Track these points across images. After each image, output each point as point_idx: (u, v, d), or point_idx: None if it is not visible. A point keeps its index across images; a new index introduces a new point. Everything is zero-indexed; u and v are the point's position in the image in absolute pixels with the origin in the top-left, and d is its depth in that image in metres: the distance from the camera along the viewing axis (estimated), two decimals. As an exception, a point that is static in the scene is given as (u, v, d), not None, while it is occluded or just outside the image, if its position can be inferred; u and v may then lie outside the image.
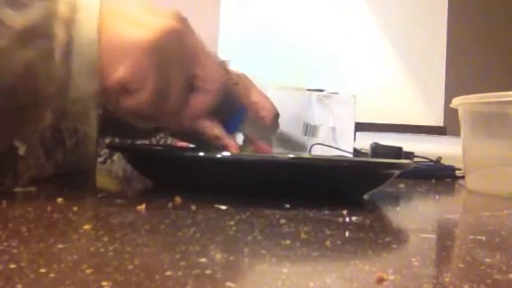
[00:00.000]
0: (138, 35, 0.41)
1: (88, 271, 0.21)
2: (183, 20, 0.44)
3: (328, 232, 0.32)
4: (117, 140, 0.78)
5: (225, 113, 0.51)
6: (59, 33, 0.39)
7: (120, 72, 0.41)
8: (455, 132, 0.82)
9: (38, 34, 0.38)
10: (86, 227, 0.31)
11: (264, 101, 0.61)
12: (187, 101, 0.45)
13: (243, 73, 0.63)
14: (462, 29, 1.90)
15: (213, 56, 0.47)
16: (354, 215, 0.39)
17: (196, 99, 0.46)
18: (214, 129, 0.50)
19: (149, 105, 0.43)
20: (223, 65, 0.50)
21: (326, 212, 0.40)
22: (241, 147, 0.55)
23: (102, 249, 0.25)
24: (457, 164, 0.86)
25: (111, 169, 0.78)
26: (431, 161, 0.92)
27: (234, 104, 0.52)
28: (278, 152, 0.58)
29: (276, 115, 0.63)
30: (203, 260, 0.24)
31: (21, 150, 0.45)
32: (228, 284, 0.21)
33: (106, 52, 0.41)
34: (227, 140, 0.51)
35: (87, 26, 0.40)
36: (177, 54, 0.43)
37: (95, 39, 0.40)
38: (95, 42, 0.40)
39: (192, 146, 0.62)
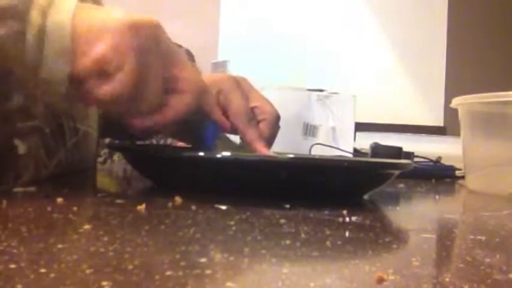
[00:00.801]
0: (117, 17, 0.41)
1: (88, 271, 0.21)
2: (158, 24, 0.44)
3: (328, 232, 0.32)
4: (117, 140, 0.78)
5: (197, 127, 0.51)
6: (33, 16, 0.39)
7: (98, 49, 0.40)
8: (455, 132, 0.82)
9: (10, 16, 0.39)
10: (86, 227, 0.31)
11: (264, 104, 0.61)
12: (165, 100, 0.45)
13: (243, 77, 0.63)
14: (462, 29, 1.90)
15: (188, 61, 0.47)
16: (354, 215, 0.39)
17: (176, 100, 0.45)
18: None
19: (127, 90, 0.41)
20: (199, 73, 0.49)
21: (326, 212, 0.40)
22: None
23: (102, 249, 0.25)
24: (457, 164, 0.86)
25: (111, 169, 0.78)
26: (431, 161, 0.92)
27: (205, 120, 0.51)
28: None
29: (277, 118, 0.62)
30: (203, 260, 0.24)
31: (21, 149, 0.45)
32: (228, 284, 0.21)
33: (83, 34, 0.40)
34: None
35: (62, 10, 0.40)
36: (156, 45, 0.43)
37: (68, 23, 0.40)
38: (68, 26, 0.40)
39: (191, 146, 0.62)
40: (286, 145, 0.78)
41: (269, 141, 0.60)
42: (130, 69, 0.41)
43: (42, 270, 0.21)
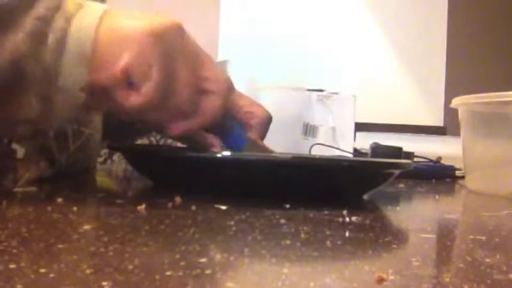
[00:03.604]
0: (141, 26, 0.40)
1: (88, 271, 0.21)
2: (182, 25, 0.43)
3: (328, 232, 0.32)
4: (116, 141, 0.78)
5: (224, 129, 0.50)
6: (57, 21, 0.39)
7: (124, 60, 0.40)
8: (455, 132, 0.82)
9: (34, 18, 0.38)
10: (86, 227, 0.31)
11: (254, 108, 0.60)
12: (197, 103, 0.44)
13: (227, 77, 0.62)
14: (462, 29, 1.90)
15: (213, 60, 0.46)
16: (354, 215, 0.39)
17: (207, 102, 0.44)
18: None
19: (154, 100, 0.41)
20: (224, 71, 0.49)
21: (326, 212, 0.40)
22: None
23: (102, 249, 0.25)
24: (457, 164, 0.86)
25: (111, 169, 0.78)
26: (431, 161, 0.92)
27: (232, 122, 0.50)
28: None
29: (269, 120, 0.61)
30: (203, 260, 0.24)
31: (20, 153, 0.45)
32: (228, 284, 0.21)
33: (107, 44, 0.40)
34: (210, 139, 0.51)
35: (87, 19, 0.40)
36: (181, 49, 0.42)
37: (92, 33, 0.40)
38: (91, 36, 0.40)
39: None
40: (286, 145, 0.78)
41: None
42: (156, 79, 0.40)
43: (42, 270, 0.21)
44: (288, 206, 0.41)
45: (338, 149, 0.85)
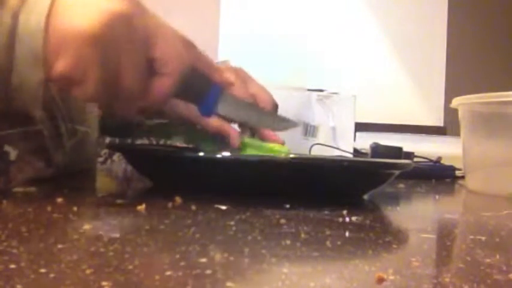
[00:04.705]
0: (80, 25, 0.40)
1: (88, 271, 0.21)
2: (133, 2, 0.43)
3: (328, 232, 0.32)
4: (117, 140, 0.78)
5: (197, 95, 0.48)
6: (4, 20, 0.39)
7: (59, 66, 0.40)
8: (455, 132, 0.82)
9: None
10: (86, 227, 0.31)
11: (261, 92, 0.60)
12: (148, 84, 0.44)
13: (240, 67, 0.62)
14: (462, 29, 1.90)
15: (174, 35, 0.45)
16: (354, 215, 0.39)
17: (156, 83, 0.44)
18: (213, 122, 0.49)
19: (97, 94, 0.41)
20: (189, 44, 0.47)
21: (326, 212, 0.40)
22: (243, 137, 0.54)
23: (102, 249, 0.25)
24: (457, 164, 0.86)
25: (111, 169, 0.78)
26: (431, 161, 0.92)
27: (206, 85, 0.49)
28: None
29: (275, 107, 0.61)
30: (203, 260, 0.24)
31: (13, 155, 0.45)
32: (228, 284, 0.21)
33: (50, 42, 0.40)
34: (227, 128, 0.50)
35: (34, 14, 0.40)
36: (125, 39, 0.42)
37: (41, 28, 0.39)
38: (40, 31, 0.39)
39: (190, 146, 0.62)
40: (286, 145, 0.78)
41: None
42: (93, 80, 0.41)
43: (42, 270, 0.21)
44: (288, 206, 0.41)
45: (338, 149, 0.85)
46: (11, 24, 0.39)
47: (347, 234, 0.33)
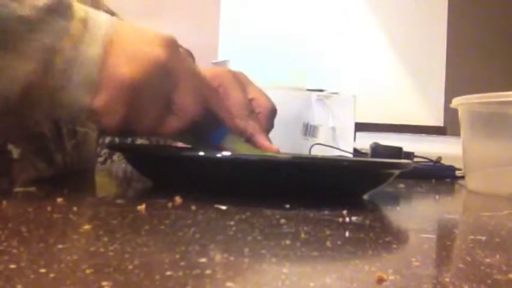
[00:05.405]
0: (124, 70, 0.43)
1: (88, 271, 0.21)
2: (173, 48, 0.45)
3: (328, 232, 0.32)
4: (117, 140, 0.78)
5: (203, 131, 0.51)
6: (65, 50, 0.41)
7: (97, 100, 0.42)
8: (455, 132, 0.82)
9: (43, 49, 0.40)
10: (86, 227, 0.31)
11: (260, 98, 0.61)
12: (160, 120, 0.46)
13: (240, 71, 0.63)
14: (462, 29, 1.90)
15: (197, 83, 0.47)
16: (354, 215, 0.39)
17: (169, 122, 0.47)
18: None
19: (117, 130, 0.45)
20: (208, 88, 0.50)
21: (326, 212, 0.40)
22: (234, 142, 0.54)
23: (102, 249, 0.25)
24: (457, 164, 0.86)
25: (111, 169, 0.78)
26: (431, 161, 0.92)
27: (214, 126, 0.52)
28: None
29: (273, 112, 0.62)
30: (203, 260, 0.24)
31: (15, 153, 0.46)
32: (228, 284, 0.21)
33: (99, 76, 0.43)
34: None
35: (93, 44, 0.42)
36: (159, 85, 0.44)
37: (98, 59, 0.42)
38: (97, 62, 0.42)
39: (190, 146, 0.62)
40: (286, 145, 0.78)
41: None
42: (118, 118, 0.43)
43: (42, 270, 0.21)
44: (288, 206, 0.41)
45: (338, 149, 0.85)
46: (71, 57, 0.41)
47: (347, 234, 0.33)
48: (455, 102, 0.73)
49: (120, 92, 0.43)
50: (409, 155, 0.87)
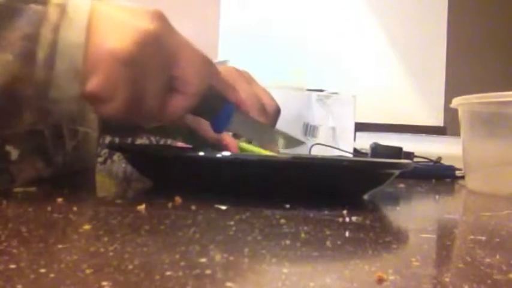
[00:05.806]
0: (114, 44, 0.40)
1: (88, 271, 0.21)
2: (162, 20, 0.43)
3: (328, 232, 0.32)
4: (117, 140, 0.78)
5: (211, 111, 0.49)
6: (45, 36, 0.39)
7: (90, 84, 0.40)
8: (455, 132, 0.82)
9: (21, 38, 0.39)
10: (86, 227, 0.31)
11: (264, 97, 0.61)
12: (164, 101, 0.44)
13: (244, 69, 0.63)
14: (462, 29, 1.90)
15: (196, 54, 0.46)
16: (354, 215, 0.39)
17: (174, 101, 0.45)
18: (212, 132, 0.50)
19: (122, 113, 0.42)
20: (209, 63, 0.48)
21: (326, 212, 0.40)
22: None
23: (102, 249, 0.25)
24: (457, 164, 0.86)
25: (111, 169, 0.78)
26: (431, 161, 0.92)
27: (220, 103, 0.50)
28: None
29: (277, 112, 0.62)
30: (203, 260, 0.24)
31: (14, 155, 0.45)
32: (228, 284, 0.21)
33: (86, 58, 0.40)
34: (227, 139, 0.51)
35: (74, 29, 0.40)
36: (154, 58, 0.42)
37: (81, 43, 0.40)
38: (80, 45, 0.40)
39: (190, 146, 0.62)
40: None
41: None
42: (122, 100, 0.41)
43: (42, 270, 0.21)
44: (288, 206, 0.41)
45: (338, 149, 0.85)
46: (52, 39, 0.39)
47: (347, 234, 0.33)
48: (455, 102, 0.73)
49: (114, 68, 0.40)
50: (409, 155, 0.87)
